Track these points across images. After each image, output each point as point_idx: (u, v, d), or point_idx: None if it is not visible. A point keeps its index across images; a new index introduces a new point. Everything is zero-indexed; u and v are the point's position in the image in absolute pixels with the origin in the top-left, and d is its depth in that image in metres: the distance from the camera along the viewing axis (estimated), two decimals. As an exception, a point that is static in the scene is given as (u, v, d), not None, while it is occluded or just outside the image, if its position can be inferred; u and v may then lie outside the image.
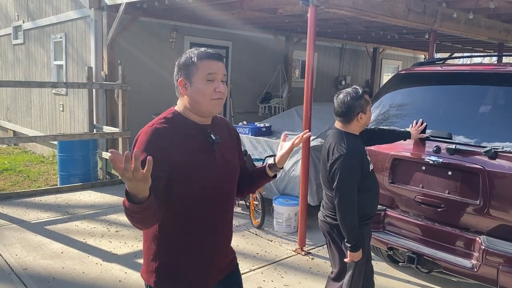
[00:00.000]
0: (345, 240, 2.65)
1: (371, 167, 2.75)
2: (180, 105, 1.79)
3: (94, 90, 7.34)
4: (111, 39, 7.10)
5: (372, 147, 3.67)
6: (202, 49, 1.75)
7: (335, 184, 2.63)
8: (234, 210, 5.58)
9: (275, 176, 2.00)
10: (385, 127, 3.37)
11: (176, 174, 1.65)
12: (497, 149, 2.86)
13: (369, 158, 2.75)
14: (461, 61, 17.97)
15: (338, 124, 2.79)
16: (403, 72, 3.91)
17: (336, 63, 12.12)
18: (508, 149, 2.84)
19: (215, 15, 7.67)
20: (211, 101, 1.71)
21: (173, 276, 1.76)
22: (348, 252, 2.66)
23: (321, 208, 2.93)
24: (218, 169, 1.77)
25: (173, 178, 1.65)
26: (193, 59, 1.71)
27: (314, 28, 4.24)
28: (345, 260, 2.72)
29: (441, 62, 4.18)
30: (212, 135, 1.76)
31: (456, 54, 12.75)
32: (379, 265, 4.28)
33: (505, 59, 11.80)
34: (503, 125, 3.06)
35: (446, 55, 13.86)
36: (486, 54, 10.84)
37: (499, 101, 3.21)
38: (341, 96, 2.76)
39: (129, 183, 1.38)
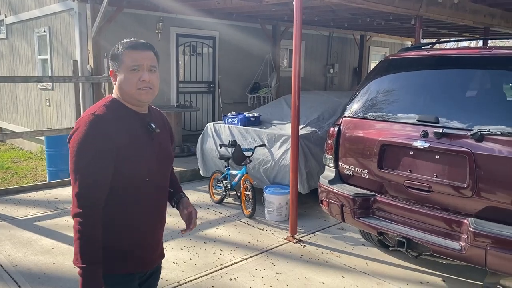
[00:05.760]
0: None
1: None
2: (115, 94, 1.84)
3: (80, 84, 7.25)
4: (96, 31, 7.00)
5: (361, 133, 3.70)
6: (130, 39, 1.82)
7: None
8: (225, 201, 5.66)
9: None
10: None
11: (121, 161, 1.71)
12: (484, 131, 2.89)
13: None
14: (448, 46, 18.05)
15: None
16: (390, 57, 3.91)
17: (324, 52, 12.11)
18: (494, 132, 2.86)
19: (201, 5, 7.60)
20: (137, 90, 1.76)
21: (109, 256, 1.76)
22: None
23: None
24: (157, 157, 1.84)
25: (117, 164, 1.70)
26: (119, 50, 1.78)
27: (300, 15, 4.21)
28: None
29: (428, 47, 4.18)
30: (152, 124, 1.83)
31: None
32: (370, 251, 4.33)
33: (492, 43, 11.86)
34: (489, 108, 3.08)
35: (433, 41, 13.91)
36: (472, 38, 10.89)
37: (485, 84, 3.22)
38: None
39: None
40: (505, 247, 2.70)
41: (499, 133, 2.84)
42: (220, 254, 4.17)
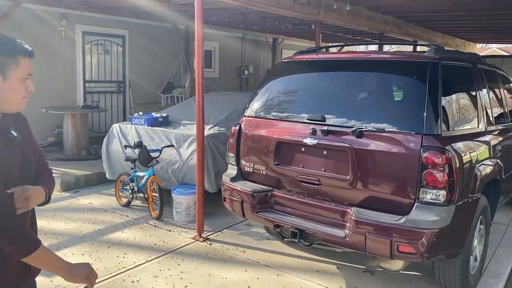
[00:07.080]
0: None
1: None
2: None
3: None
4: (-11, 27, 6.50)
5: (259, 131, 3.86)
6: (18, 40, 1.60)
7: None
8: (133, 204, 5.56)
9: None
10: None
11: None
12: (362, 128, 3.17)
13: None
14: (358, 49, 19.29)
15: None
16: (285, 60, 4.13)
17: (238, 53, 12.31)
18: (370, 128, 3.15)
19: (108, 2, 7.38)
20: (23, 99, 1.63)
21: None
22: None
23: None
24: (20, 169, 1.64)
25: None
26: (12, 52, 1.55)
27: (201, 16, 4.28)
28: None
29: (322, 51, 4.46)
30: (12, 131, 1.62)
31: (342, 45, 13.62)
32: (273, 244, 4.52)
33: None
34: (368, 106, 3.39)
35: (341, 44, 14.74)
36: (373, 43, 11.73)
37: (366, 85, 3.54)
38: None
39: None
40: (380, 232, 2.99)
41: (374, 129, 3.13)
42: (124, 257, 4.11)
